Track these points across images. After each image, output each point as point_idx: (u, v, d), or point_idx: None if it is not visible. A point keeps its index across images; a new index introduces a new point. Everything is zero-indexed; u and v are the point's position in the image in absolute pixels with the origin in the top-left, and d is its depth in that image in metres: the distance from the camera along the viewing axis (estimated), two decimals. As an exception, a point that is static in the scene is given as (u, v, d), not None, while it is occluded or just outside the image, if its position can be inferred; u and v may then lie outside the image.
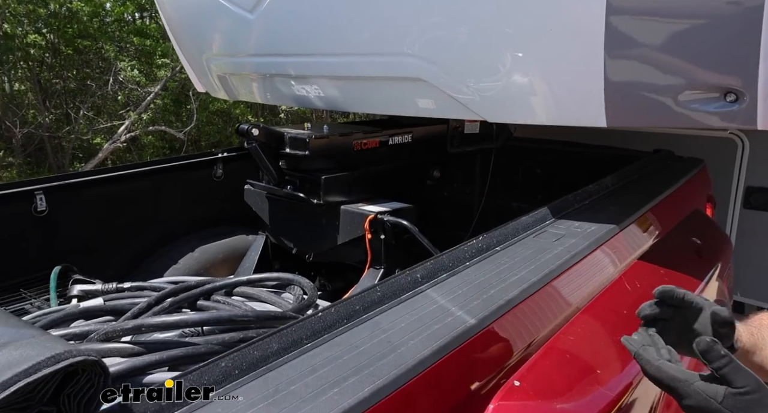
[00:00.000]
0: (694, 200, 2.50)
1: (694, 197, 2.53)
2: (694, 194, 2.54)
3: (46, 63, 11.81)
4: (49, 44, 11.29)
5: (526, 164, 3.26)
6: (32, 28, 10.92)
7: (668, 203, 2.21)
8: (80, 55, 11.87)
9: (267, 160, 2.33)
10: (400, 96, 2.17)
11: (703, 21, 1.53)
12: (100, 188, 2.80)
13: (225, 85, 2.87)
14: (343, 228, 2.35)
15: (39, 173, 11.96)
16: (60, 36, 11.20)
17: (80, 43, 11.40)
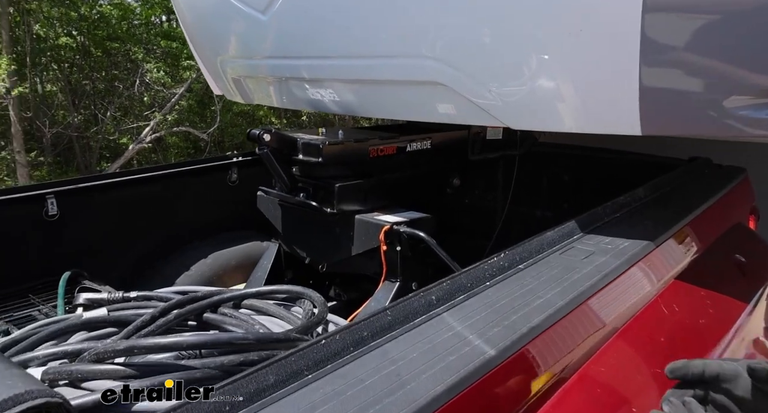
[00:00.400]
0: (736, 213, 2.31)
1: (736, 210, 2.34)
2: (735, 206, 2.35)
3: (77, 65, 11.91)
4: (80, 46, 11.39)
5: (552, 170, 3.10)
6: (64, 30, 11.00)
7: (708, 217, 2.03)
8: (109, 57, 11.96)
9: (279, 166, 2.21)
10: (418, 101, 2.03)
11: (754, 15, 1.36)
12: (113, 192, 2.71)
13: (240, 88, 2.76)
14: (358, 239, 2.22)
15: (68, 172, 12.07)
16: (90, 38, 11.29)
17: (109, 45, 11.49)
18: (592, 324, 1.43)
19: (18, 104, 9.86)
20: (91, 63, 11.98)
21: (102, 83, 12.10)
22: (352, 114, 2.40)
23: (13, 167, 10.82)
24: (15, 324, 1.98)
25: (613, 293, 1.52)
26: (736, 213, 2.30)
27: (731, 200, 2.28)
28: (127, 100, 11.99)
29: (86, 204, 2.60)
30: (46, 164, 11.59)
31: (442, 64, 1.83)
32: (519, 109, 1.81)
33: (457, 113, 1.94)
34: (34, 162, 11.54)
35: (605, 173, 2.96)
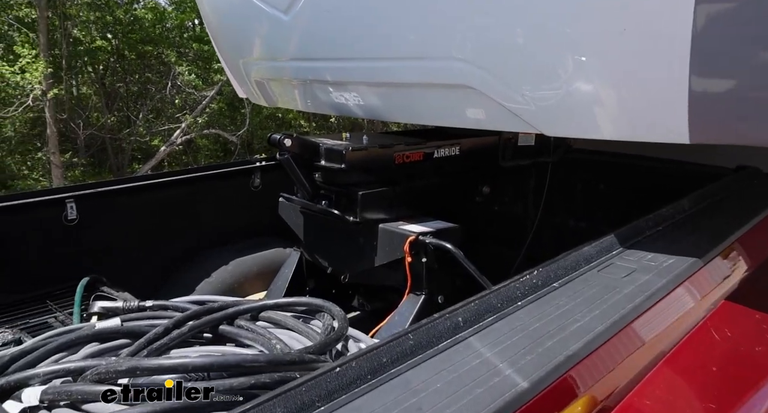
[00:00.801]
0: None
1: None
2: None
3: (111, 67, 12.07)
4: (114, 49, 11.52)
5: (586, 178, 2.95)
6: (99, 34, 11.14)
7: (759, 231, 1.87)
8: (142, 60, 12.09)
9: (300, 173, 2.11)
10: (446, 105, 1.91)
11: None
12: (133, 196, 2.65)
13: (263, 91, 2.68)
14: (382, 249, 2.11)
15: (101, 173, 12.22)
16: (124, 42, 11.42)
17: (143, 48, 11.61)
18: (635, 351, 1.29)
19: (53, 106, 10.00)
20: (125, 66, 12.12)
21: (135, 86, 12.24)
22: (377, 118, 2.29)
23: (48, 168, 10.98)
24: (29, 332, 1.93)
25: (657, 317, 1.38)
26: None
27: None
28: (159, 102, 12.10)
29: (106, 208, 2.54)
30: (80, 165, 11.74)
31: (472, 66, 1.71)
32: (553, 114, 1.68)
33: (486, 118, 1.82)
34: (69, 163, 11.70)
35: (643, 182, 2.80)
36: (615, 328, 1.25)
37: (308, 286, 2.62)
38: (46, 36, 9.45)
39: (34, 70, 9.06)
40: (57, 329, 1.71)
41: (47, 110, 9.86)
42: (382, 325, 2.10)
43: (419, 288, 2.10)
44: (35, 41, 9.81)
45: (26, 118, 11.06)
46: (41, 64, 9.15)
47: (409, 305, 2.10)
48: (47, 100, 9.64)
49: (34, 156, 11.78)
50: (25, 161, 11.80)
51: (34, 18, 9.71)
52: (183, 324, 1.69)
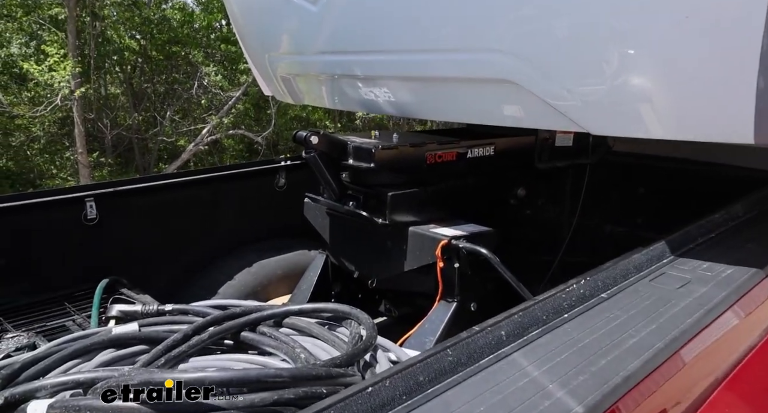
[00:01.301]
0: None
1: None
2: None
3: (139, 67, 12.16)
4: (142, 49, 11.60)
5: (625, 181, 2.81)
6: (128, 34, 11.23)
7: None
8: (169, 61, 12.16)
9: (327, 172, 2.02)
10: (485, 102, 1.80)
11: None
12: (154, 195, 2.58)
13: (289, 87, 2.59)
14: (412, 253, 2.00)
15: (128, 173, 12.31)
16: (152, 42, 11.49)
17: (170, 49, 11.67)
18: (696, 371, 1.17)
19: (81, 105, 10.09)
20: (152, 66, 12.20)
21: (162, 86, 12.31)
22: (409, 116, 2.18)
23: (76, 168, 11.09)
24: (46, 335, 1.86)
25: (719, 333, 1.25)
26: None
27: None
28: (186, 103, 12.15)
29: (127, 208, 2.48)
30: (107, 164, 11.83)
31: (514, 59, 1.60)
32: (602, 111, 1.56)
33: (527, 116, 1.70)
34: (96, 163, 11.80)
35: (686, 186, 2.65)
36: (675, 345, 1.13)
37: (333, 290, 2.53)
38: (74, 35, 9.54)
39: (62, 70, 9.13)
40: (73, 333, 1.63)
41: (75, 109, 9.94)
42: (411, 333, 1.99)
43: (451, 295, 1.99)
44: (64, 41, 9.91)
45: (55, 117, 11.19)
46: (69, 64, 9.22)
47: (440, 313, 1.99)
48: (75, 99, 9.72)
49: (62, 156, 11.91)
50: (54, 161, 11.93)
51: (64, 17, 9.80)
52: (203, 330, 1.61)
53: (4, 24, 10.73)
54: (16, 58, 11.02)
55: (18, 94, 10.92)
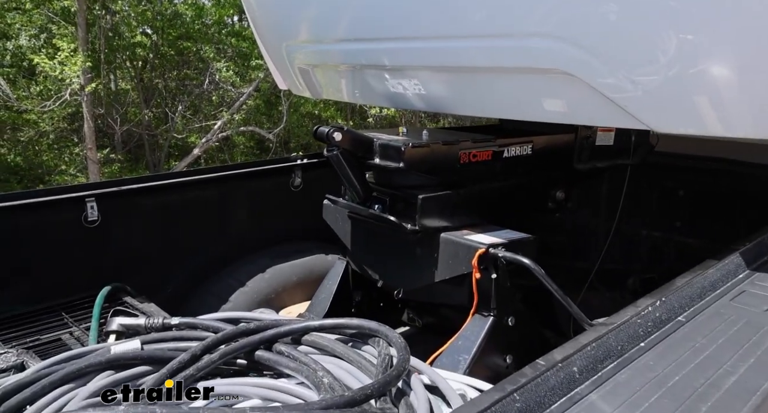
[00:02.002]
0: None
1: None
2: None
3: (149, 63, 12.01)
4: (153, 45, 11.46)
5: (664, 183, 2.61)
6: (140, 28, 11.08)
7: None
8: (181, 56, 12.00)
9: (351, 172, 1.83)
10: (530, 95, 1.60)
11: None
12: (162, 195, 2.41)
13: (307, 80, 2.40)
14: (443, 262, 1.81)
15: (138, 169, 12.18)
16: (163, 37, 11.34)
17: (182, 44, 11.51)
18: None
19: (91, 101, 9.95)
20: (164, 62, 12.06)
21: (173, 82, 12.17)
22: (441, 111, 1.99)
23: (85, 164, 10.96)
24: (38, 351, 1.68)
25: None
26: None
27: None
28: (197, 99, 12.00)
29: (131, 209, 2.30)
30: (117, 161, 11.71)
31: (567, 45, 1.40)
32: (669, 105, 1.36)
33: (578, 110, 1.51)
34: (106, 159, 11.68)
35: (731, 189, 2.44)
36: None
37: (354, 299, 2.34)
38: (85, 29, 9.39)
39: (72, 64, 8.99)
40: (67, 352, 1.45)
41: (84, 104, 9.80)
42: (443, 350, 1.81)
43: (487, 308, 1.80)
44: (74, 34, 9.76)
45: (64, 113, 11.06)
46: (80, 58, 9.08)
47: (475, 328, 1.80)
48: (85, 94, 9.58)
49: (71, 151, 11.79)
50: (62, 157, 11.82)
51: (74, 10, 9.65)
52: (213, 349, 1.44)
53: (13, 17, 10.60)
54: (26, 51, 10.89)
55: (26, 88, 10.79)
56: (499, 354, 1.84)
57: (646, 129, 1.39)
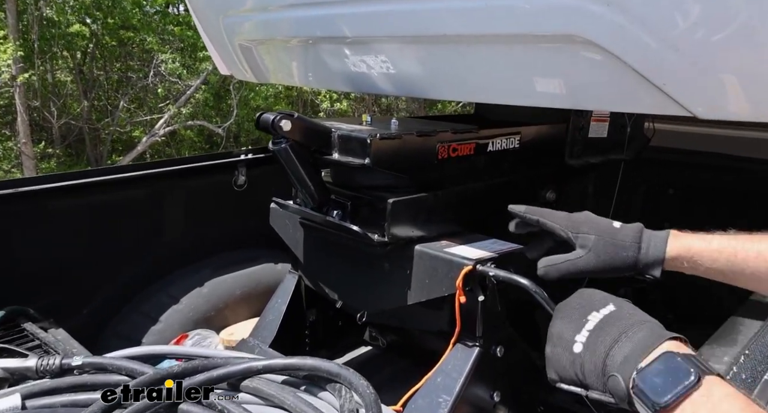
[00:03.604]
0: None
1: None
2: None
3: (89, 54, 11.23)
4: (93, 35, 10.70)
5: (652, 181, 2.32)
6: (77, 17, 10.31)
7: None
8: (123, 47, 11.28)
9: (303, 170, 1.44)
10: (532, 72, 1.25)
11: None
12: (78, 197, 1.97)
13: (251, 60, 1.99)
14: (419, 281, 1.45)
15: (78, 165, 11.39)
16: (103, 27, 10.61)
17: (123, 34, 10.81)
18: None
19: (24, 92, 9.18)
20: (105, 53, 11.32)
21: (116, 74, 11.43)
22: (415, 95, 1.62)
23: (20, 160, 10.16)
24: None
25: None
26: None
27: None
28: (141, 91, 11.30)
29: (39, 214, 1.86)
30: (55, 156, 10.92)
31: (588, 2, 1.04)
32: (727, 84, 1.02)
33: (597, 92, 1.16)
34: (43, 154, 10.89)
35: (732, 187, 2.17)
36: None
37: (308, 318, 1.96)
38: (15, 16, 8.61)
39: (2, 53, 8.24)
40: None
41: (17, 96, 9.03)
42: (419, 388, 1.45)
43: (471, 337, 1.44)
44: (3, 22, 8.96)
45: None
46: (10, 47, 8.32)
47: (458, 362, 1.44)
48: (17, 85, 8.81)
49: (4, 146, 10.92)
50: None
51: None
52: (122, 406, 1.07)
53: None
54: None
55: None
56: (485, 390, 1.49)
57: (689, 115, 1.05)
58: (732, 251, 0.97)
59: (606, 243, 1.03)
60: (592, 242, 1.04)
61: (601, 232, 1.05)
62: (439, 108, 12.45)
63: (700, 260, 0.99)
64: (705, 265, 0.99)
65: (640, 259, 1.02)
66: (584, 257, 1.04)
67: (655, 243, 1.02)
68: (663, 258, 1.02)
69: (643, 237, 1.04)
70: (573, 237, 1.07)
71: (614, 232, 1.04)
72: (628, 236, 1.04)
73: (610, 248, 1.03)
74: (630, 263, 1.03)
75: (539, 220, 1.16)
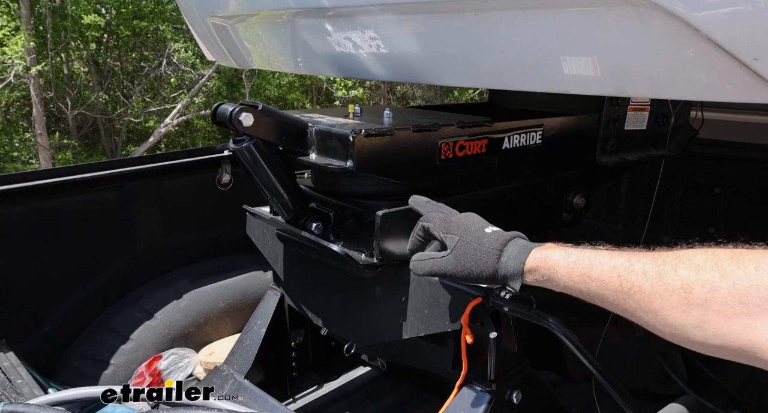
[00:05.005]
0: None
1: None
2: None
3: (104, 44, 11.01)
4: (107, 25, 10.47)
5: (694, 179, 1.98)
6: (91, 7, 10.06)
7: None
8: (137, 37, 11.04)
9: (272, 175, 1.14)
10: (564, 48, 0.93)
11: None
12: (40, 199, 1.69)
13: (228, 43, 1.69)
14: (416, 312, 1.15)
15: (94, 155, 11.22)
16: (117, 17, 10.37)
17: (137, 24, 10.55)
18: None
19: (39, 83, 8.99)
20: (119, 43, 11.09)
21: (130, 65, 11.20)
22: (413, 80, 1.30)
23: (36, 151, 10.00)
24: None
25: None
26: None
27: None
28: (155, 81, 11.07)
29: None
30: (71, 146, 10.76)
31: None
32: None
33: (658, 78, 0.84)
34: (59, 145, 10.73)
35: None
36: None
37: (294, 340, 1.67)
38: (28, 7, 8.37)
39: (13, 44, 8.02)
40: None
41: (32, 88, 8.82)
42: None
43: (483, 380, 1.15)
44: (16, 12, 8.73)
45: (12, 96, 10.05)
46: (21, 38, 8.10)
47: (466, 410, 1.14)
48: (31, 77, 8.60)
49: (21, 138, 10.78)
50: (13, 143, 10.81)
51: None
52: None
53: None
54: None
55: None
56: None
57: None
58: (587, 265, 0.80)
59: (468, 247, 0.94)
60: (455, 244, 0.94)
61: (467, 234, 0.95)
62: (456, 95, 12.01)
63: (556, 275, 0.85)
64: (561, 281, 0.84)
65: (499, 268, 0.91)
66: (446, 257, 0.95)
67: (518, 253, 0.90)
68: (522, 270, 0.89)
69: (508, 245, 0.92)
70: (443, 237, 0.97)
71: (480, 236, 0.94)
72: (494, 242, 0.92)
73: (471, 252, 0.93)
74: (489, 272, 0.92)
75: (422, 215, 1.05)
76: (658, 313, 0.69)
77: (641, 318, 0.73)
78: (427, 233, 1.02)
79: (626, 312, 0.76)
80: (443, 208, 1.06)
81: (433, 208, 1.06)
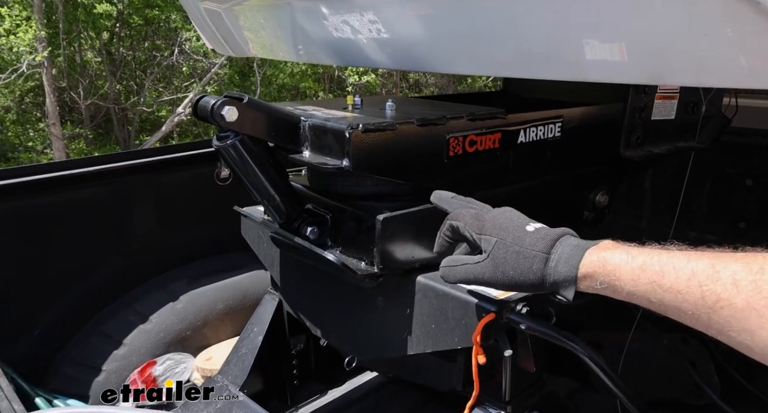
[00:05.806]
0: None
1: None
2: None
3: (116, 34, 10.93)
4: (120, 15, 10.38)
5: (726, 172, 1.83)
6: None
7: None
8: (149, 26, 10.94)
9: (261, 174, 1.02)
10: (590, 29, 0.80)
11: None
12: (29, 196, 1.60)
13: (222, 29, 1.57)
14: (422, 326, 1.03)
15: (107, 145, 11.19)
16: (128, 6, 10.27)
17: (149, 12, 10.45)
18: None
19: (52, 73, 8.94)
20: (131, 32, 11.00)
21: (143, 54, 11.12)
22: (417, 69, 1.17)
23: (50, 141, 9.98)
24: None
25: None
26: None
27: None
28: (167, 70, 10.98)
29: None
30: (84, 136, 10.74)
31: None
32: None
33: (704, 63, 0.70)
34: (72, 135, 10.71)
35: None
36: None
37: (295, 347, 1.56)
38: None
39: (23, 33, 7.95)
40: None
41: (45, 77, 8.77)
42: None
43: (496, 401, 1.03)
44: (27, 1, 8.66)
45: (26, 86, 10.01)
46: (33, 27, 8.03)
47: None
48: (44, 67, 8.55)
49: (35, 127, 10.76)
50: (27, 133, 10.80)
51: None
52: None
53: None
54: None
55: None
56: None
57: None
58: (657, 270, 0.64)
59: (507, 250, 0.79)
60: (492, 246, 0.80)
61: (505, 235, 0.80)
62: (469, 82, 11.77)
63: (618, 283, 0.69)
64: (625, 290, 0.68)
65: (547, 275, 0.75)
66: (481, 263, 0.80)
67: (569, 255, 0.74)
68: (575, 276, 0.73)
69: (556, 246, 0.76)
70: (477, 239, 0.83)
71: (522, 236, 0.79)
72: (539, 243, 0.77)
73: (511, 256, 0.78)
74: (535, 279, 0.76)
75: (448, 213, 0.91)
76: (757, 334, 0.55)
77: (732, 338, 0.58)
78: (456, 233, 0.88)
79: (710, 330, 0.61)
80: (474, 203, 0.92)
81: (461, 204, 0.92)
